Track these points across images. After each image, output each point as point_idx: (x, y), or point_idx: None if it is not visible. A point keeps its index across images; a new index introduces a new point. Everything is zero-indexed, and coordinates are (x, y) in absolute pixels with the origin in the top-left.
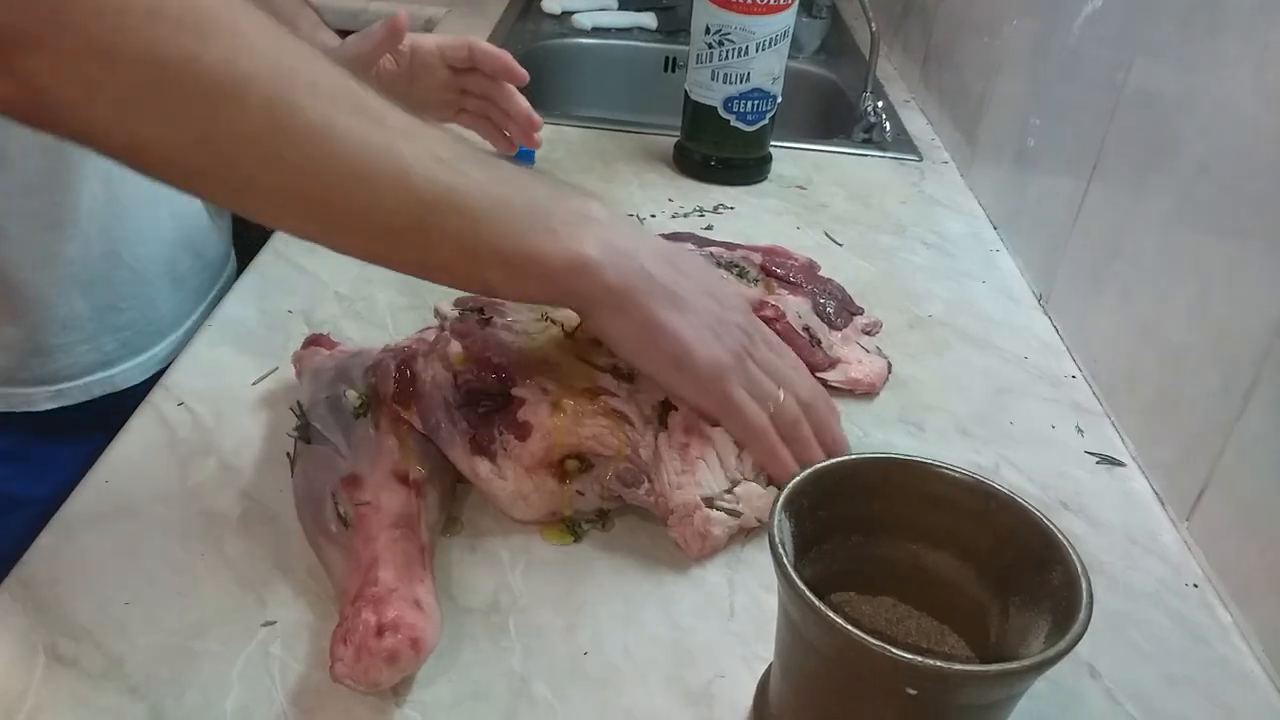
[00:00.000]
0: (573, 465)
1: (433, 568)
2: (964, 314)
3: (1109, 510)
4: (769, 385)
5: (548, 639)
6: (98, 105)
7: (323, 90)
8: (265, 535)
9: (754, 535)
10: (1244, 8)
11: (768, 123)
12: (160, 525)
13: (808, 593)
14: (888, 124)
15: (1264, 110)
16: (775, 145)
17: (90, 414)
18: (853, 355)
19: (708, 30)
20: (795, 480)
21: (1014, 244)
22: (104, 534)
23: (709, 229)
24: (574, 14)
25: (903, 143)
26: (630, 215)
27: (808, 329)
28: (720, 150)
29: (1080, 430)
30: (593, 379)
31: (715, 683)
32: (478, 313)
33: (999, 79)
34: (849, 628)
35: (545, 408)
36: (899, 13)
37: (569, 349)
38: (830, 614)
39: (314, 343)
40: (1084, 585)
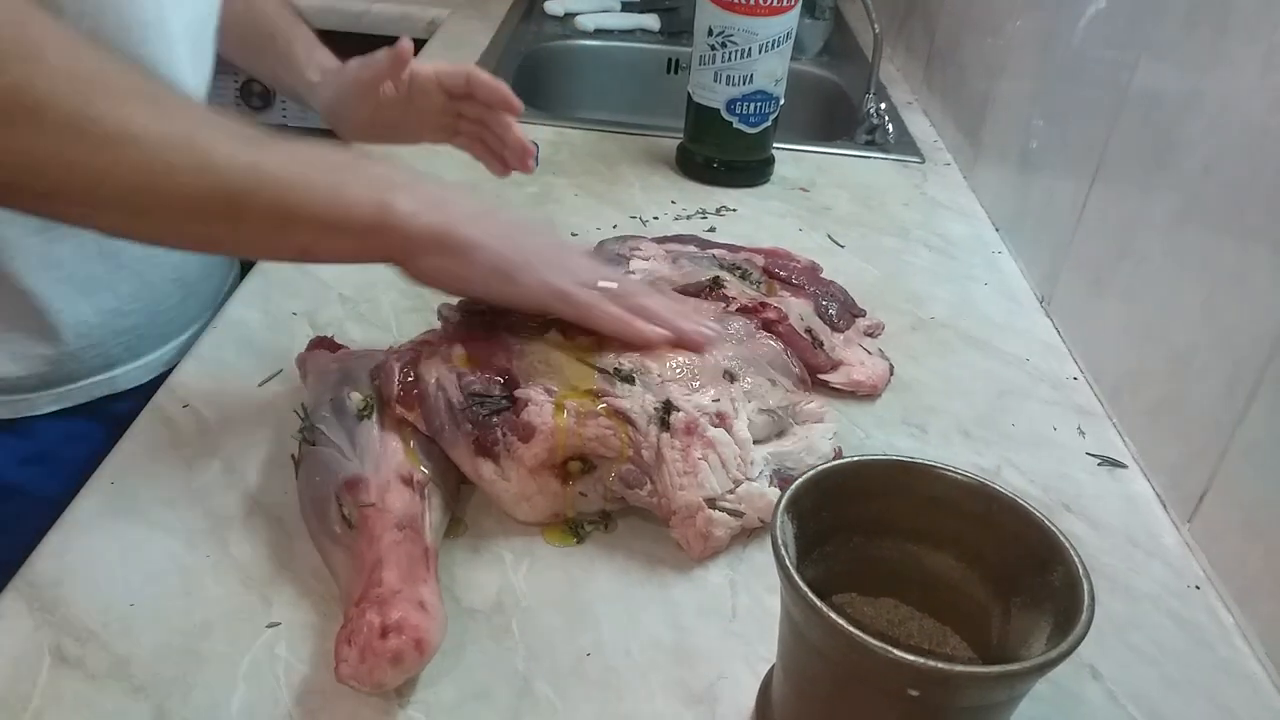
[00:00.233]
0: (575, 466)
1: (436, 569)
2: (966, 316)
3: (1111, 512)
4: (601, 270)
5: (551, 640)
6: None
7: (119, 93)
8: (270, 537)
9: (756, 536)
10: (1249, 8)
11: (770, 125)
12: (165, 527)
13: (810, 594)
14: (890, 126)
15: (1269, 111)
16: (778, 147)
17: (92, 413)
18: (855, 357)
19: (710, 32)
20: (798, 481)
21: (1016, 246)
22: (109, 535)
23: (712, 231)
24: (577, 16)
25: (905, 144)
26: (633, 217)
27: (810, 331)
28: (723, 152)
29: (1082, 432)
30: (595, 380)
31: (718, 684)
32: (480, 315)
33: (1002, 80)
34: (851, 629)
35: (548, 409)
36: (902, 14)
37: (571, 350)
38: (833, 615)
39: (318, 345)
40: (1085, 587)
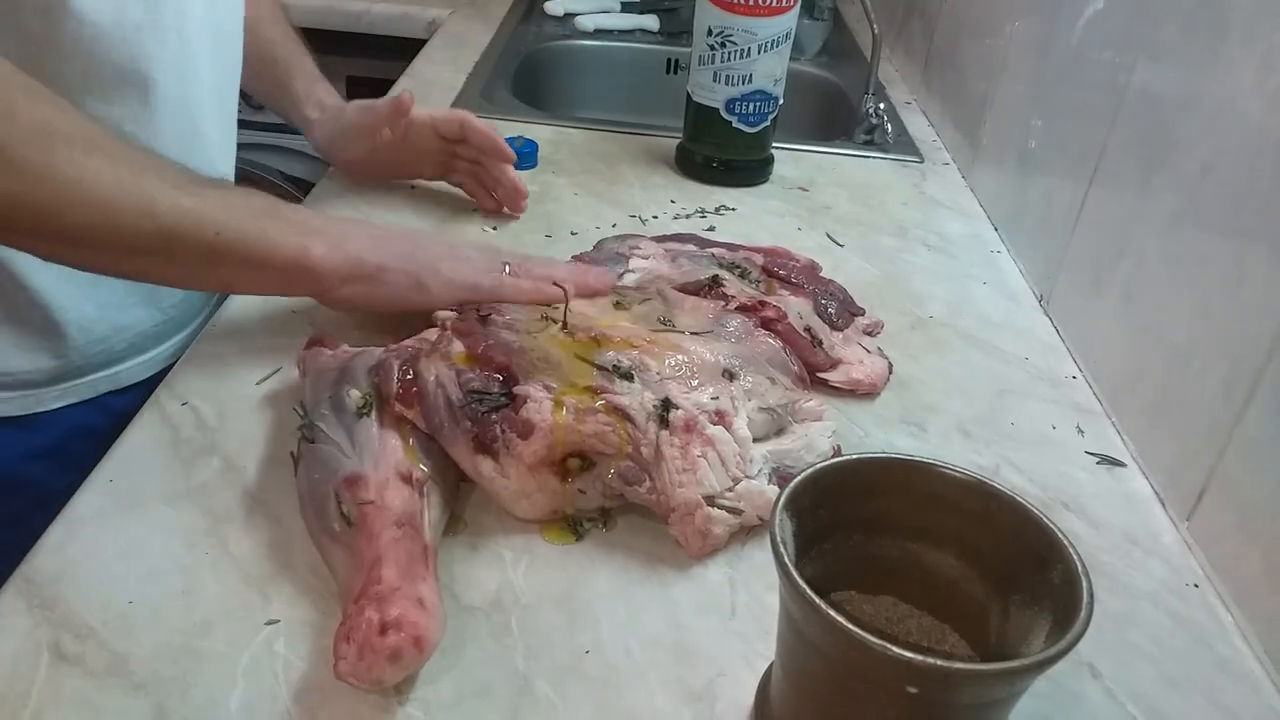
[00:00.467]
0: (575, 463)
1: (436, 566)
2: (965, 315)
3: (1109, 510)
4: (496, 256)
5: (550, 637)
6: None
7: (77, 142)
8: (269, 534)
9: (755, 534)
10: (1247, 9)
11: (769, 124)
12: (164, 524)
13: (809, 591)
14: (889, 125)
15: (1267, 112)
16: (777, 147)
17: (97, 408)
18: (854, 356)
19: (710, 32)
20: (797, 479)
21: (1015, 245)
22: (108, 532)
23: (711, 230)
24: (576, 16)
25: (904, 144)
26: (632, 216)
27: (809, 330)
28: (722, 152)
29: (1081, 431)
30: (594, 377)
31: (716, 681)
32: (477, 312)
33: (1001, 80)
34: (850, 626)
35: (547, 406)
36: (901, 15)
37: (569, 347)
38: (831, 613)
39: (317, 343)
40: (1084, 585)
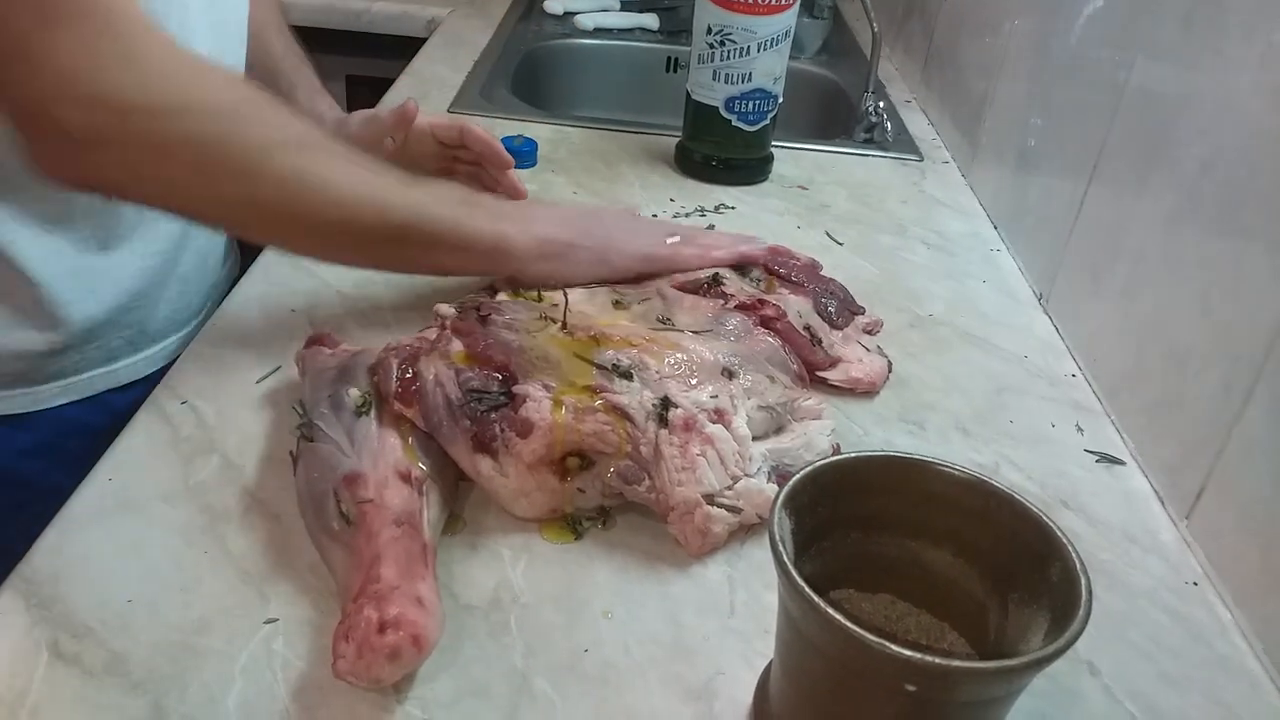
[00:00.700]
0: (574, 462)
1: (434, 565)
2: (964, 313)
3: (1108, 508)
4: (664, 225)
5: (549, 636)
6: (146, 184)
7: (317, 148)
8: (268, 533)
9: (754, 532)
10: (1246, 8)
11: (769, 123)
12: (163, 522)
13: (808, 590)
14: (889, 124)
15: (1266, 110)
16: (777, 145)
17: (95, 405)
18: (854, 354)
19: (709, 30)
20: (796, 478)
21: (1015, 243)
22: (107, 531)
23: (711, 229)
24: (576, 15)
25: (904, 143)
26: None
27: (809, 328)
28: (722, 150)
29: (1080, 429)
30: (593, 376)
31: (715, 680)
32: (476, 311)
33: (1000, 79)
34: (849, 625)
35: (546, 405)
36: (900, 13)
37: (569, 346)
38: (830, 611)
39: (316, 342)
40: (1083, 583)
